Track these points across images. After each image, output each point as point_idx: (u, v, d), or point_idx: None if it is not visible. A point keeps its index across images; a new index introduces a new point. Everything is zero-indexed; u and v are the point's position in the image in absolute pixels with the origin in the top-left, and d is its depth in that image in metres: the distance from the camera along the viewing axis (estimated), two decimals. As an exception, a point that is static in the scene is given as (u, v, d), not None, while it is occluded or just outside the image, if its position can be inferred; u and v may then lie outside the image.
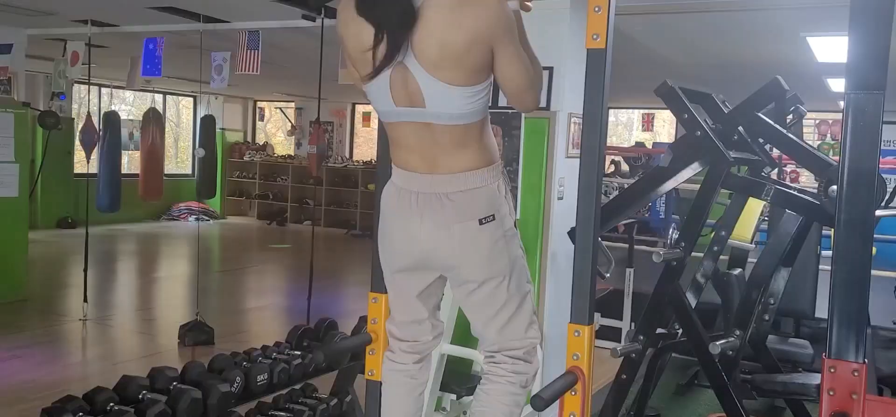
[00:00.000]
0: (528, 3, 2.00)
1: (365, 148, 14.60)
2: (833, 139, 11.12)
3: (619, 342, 4.57)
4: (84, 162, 6.93)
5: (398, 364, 2.10)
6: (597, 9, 1.85)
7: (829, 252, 1.68)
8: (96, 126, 7.07)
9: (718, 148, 3.14)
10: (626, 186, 7.25)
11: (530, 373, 2.02)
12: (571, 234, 3.34)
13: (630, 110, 15.12)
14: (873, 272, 1.75)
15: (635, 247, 5.90)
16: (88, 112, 6.88)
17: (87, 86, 10.42)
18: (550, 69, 3.95)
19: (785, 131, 3.37)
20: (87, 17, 5.98)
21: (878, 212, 3.14)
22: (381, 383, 2.20)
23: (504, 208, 1.86)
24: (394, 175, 1.90)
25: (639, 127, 14.74)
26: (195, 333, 5.48)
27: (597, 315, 4.63)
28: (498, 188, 1.85)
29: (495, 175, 1.85)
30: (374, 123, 13.82)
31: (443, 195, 1.80)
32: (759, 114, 3.37)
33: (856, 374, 1.65)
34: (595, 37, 1.86)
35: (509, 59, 1.78)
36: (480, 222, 1.80)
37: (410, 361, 2.10)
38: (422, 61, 1.71)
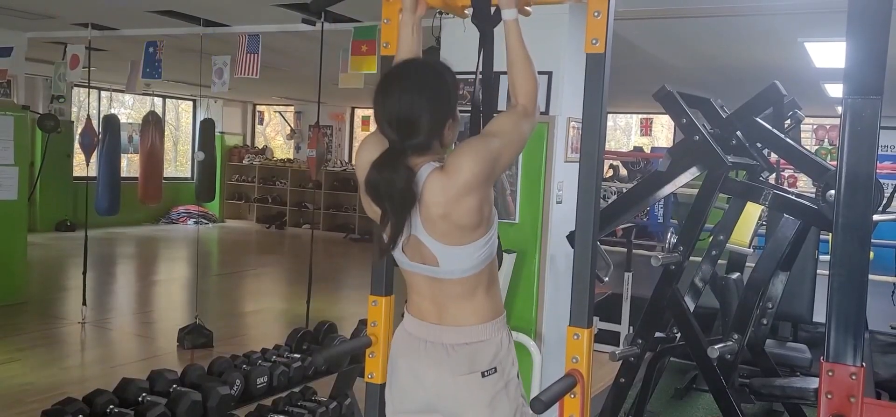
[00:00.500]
0: (528, 8, 2.01)
1: (364, 152, 14.59)
2: (830, 144, 11.14)
3: (618, 345, 4.57)
4: (83, 165, 6.93)
5: None
6: (596, 13, 1.87)
7: (827, 257, 1.68)
8: (96, 129, 7.07)
9: (717, 153, 3.16)
10: (624, 190, 7.27)
11: None
12: (570, 238, 3.36)
13: (628, 115, 15.14)
14: (870, 276, 1.76)
15: (633, 251, 5.91)
16: (88, 115, 6.87)
17: (86, 89, 10.44)
18: (549, 74, 3.96)
19: (783, 136, 3.38)
20: (87, 21, 5.99)
21: (876, 217, 3.16)
22: (381, 386, 2.20)
23: (506, 360, 1.93)
24: (405, 320, 1.99)
25: (637, 132, 14.77)
26: (194, 336, 5.48)
27: (595, 319, 4.64)
28: (501, 341, 1.91)
29: (500, 328, 1.92)
30: (374, 127, 13.81)
31: (449, 346, 1.88)
32: (758, 119, 3.39)
33: (854, 377, 1.65)
34: (594, 41, 1.87)
35: (507, 161, 1.86)
36: (483, 375, 1.87)
37: None
38: (433, 235, 1.79)
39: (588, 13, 1.88)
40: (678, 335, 3.68)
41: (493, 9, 1.99)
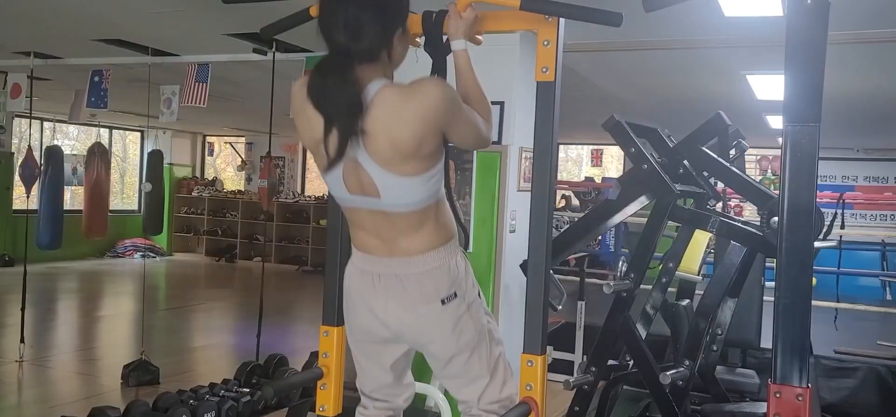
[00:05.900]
0: (479, 37, 2.03)
1: (317, 183, 14.48)
2: (773, 174, 11.49)
3: (572, 375, 4.59)
4: (24, 197, 6.69)
5: None
6: (546, 42, 1.89)
7: (773, 284, 1.72)
8: (37, 160, 6.85)
9: (665, 181, 3.21)
10: (576, 219, 7.35)
11: None
12: (523, 267, 3.37)
13: (579, 146, 15.40)
14: (813, 302, 1.80)
15: (586, 280, 5.96)
16: (29, 146, 6.64)
17: (27, 120, 10.12)
18: (501, 104, 4.00)
19: (728, 165, 3.47)
20: (30, 49, 5.83)
21: (817, 244, 3.25)
22: (332, 418, 2.16)
23: (466, 282, 1.90)
24: (354, 256, 1.93)
25: (588, 162, 15.03)
26: (140, 372, 5.30)
27: (549, 348, 4.64)
28: (456, 264, 1.87)
29: (452, 251, 1.88)
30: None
31: (403, 277, 1.83)
32: (704, 148, 3.47)
33: (800, 399, 1.69)
34: (544, 70, 1.90)
35: (461, 130, 1.82)
36: (443, 302, 1.84)
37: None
38: (374, 157, 1.71)
39: (538, 42, 1.90)
40: (631, 362, 3.70)
41: (444, 37, 2.00)
